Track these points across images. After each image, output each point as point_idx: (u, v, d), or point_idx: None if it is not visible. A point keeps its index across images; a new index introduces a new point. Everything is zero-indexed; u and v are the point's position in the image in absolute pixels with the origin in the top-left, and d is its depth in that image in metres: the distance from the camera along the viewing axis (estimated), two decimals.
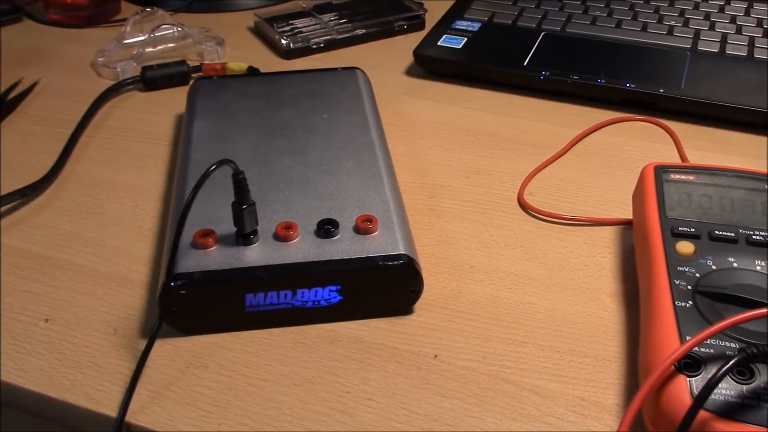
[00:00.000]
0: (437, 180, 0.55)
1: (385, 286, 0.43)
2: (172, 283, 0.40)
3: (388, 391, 0.39)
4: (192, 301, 0.41)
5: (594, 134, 0.60)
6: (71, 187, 0.55)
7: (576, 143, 0.59)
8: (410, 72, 0.70)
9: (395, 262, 0.42)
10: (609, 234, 0.50)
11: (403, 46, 0.73)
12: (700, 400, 0.32)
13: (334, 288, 0.42)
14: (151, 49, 0.72)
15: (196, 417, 0.38)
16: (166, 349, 0.42)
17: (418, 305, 0.44)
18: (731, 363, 0.32)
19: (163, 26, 0.72)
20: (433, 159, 0.58)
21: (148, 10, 0.73)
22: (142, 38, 0.72)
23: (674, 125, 0.61)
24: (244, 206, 0.42)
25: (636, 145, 0.59)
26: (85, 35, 0.78)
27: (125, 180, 0.56)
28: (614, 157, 0.58)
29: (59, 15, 0.80)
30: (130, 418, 0.38)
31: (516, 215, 0.52)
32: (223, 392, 0.39)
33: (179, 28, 0.73)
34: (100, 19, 0.80)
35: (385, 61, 0.72)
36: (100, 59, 0.71)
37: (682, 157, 0.57)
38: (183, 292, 0.41)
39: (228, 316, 0.42)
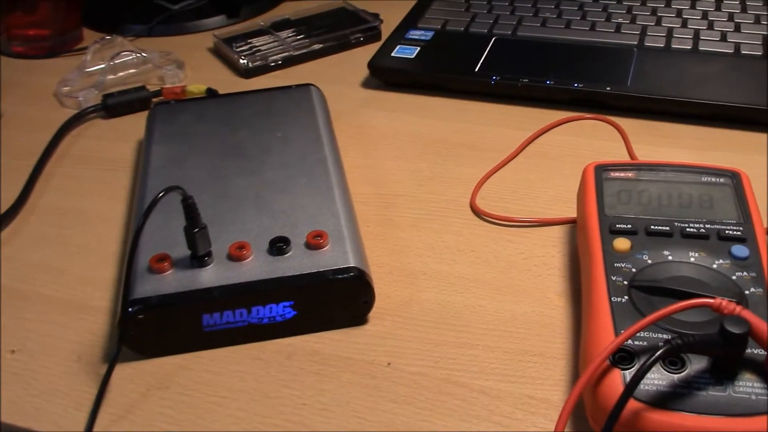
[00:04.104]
0: (392, 190, 0.57)
1: (337, 299, 0.44)
2: (130, 309, 0.42)
3: (342, 400, 0.41)
4: (150, 325, 0.43)
5: (545, 135, 0.62)
6: (36, 218, 0.56)
7: (527, 145, 0.61)
8: (366, 84, 0.71)
9: (345, 275, 0.43)
10: (558, 233, 0.52)
11: (360, 59, 0.75)
12: (629, 390, 0.33)
13: (287, 303, 0.44)
14: (112, 77, 0.73)
15: None
16: (128, 372, 0.43)
17: (372, 315, 0.46)
18: (656, 354, 0.33)
19: (123, 53, 0.74)
20: (389, 169, 0.59)
21: (108, 37, 0.75)
22: (102, 66, 0.73)
23: (623, 122, 0.63)
24: (196, 230, 0.43)
25: (586, 143, 0.61)
26: (48, 65, 0.79)
27: (89, 208, 0.57)
28: (565, 157, 0.59)
29: (23, 47, 0.81)
30: None
31: (468, 220, 0.53)
32: (184, 411, 0.41)
33: (139, 54, 0.74)
34: (63, 48, 0.81)
35: (342, 74, 0.73)
36: (64, 89, 0.72)
37: (630, 154, 0.59)
38: (140, 316, 0.42)
39: (187, 337, 0.44)
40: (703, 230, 0.43)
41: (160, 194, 0.41)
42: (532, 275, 0.48)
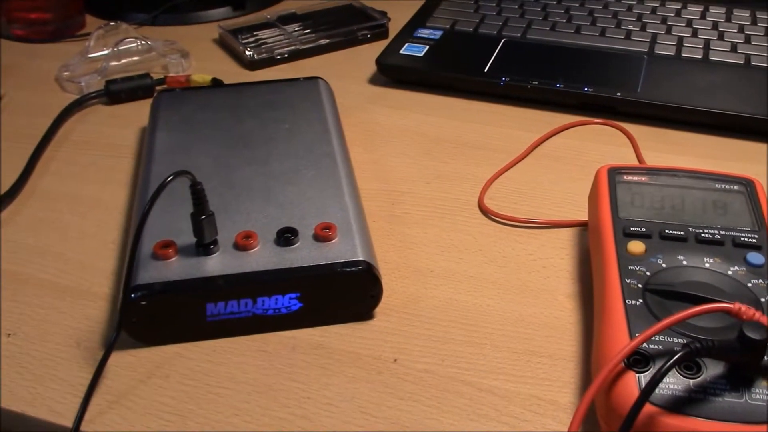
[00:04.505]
0: (399, 187, 0.56)
1: (344, 292, 0.43)
2: (132, 295, 0.41)
3: (347, 395, 0.40)
4: (153, 312, 0.42)
5: (553, 138, 0.61)
6: (34, 202, 0.55)
7: (535, 147, 0.60)
8: (374, 81, 0.71)
9: (354, 269, 0.43)
10: (567, 236, 0.51)
11: (367, 55, 0.74)
12: (646, 393, 0.33)
13: (294, 295, 0.43)
14: (115, 63, 0.72)
15: (158, 426, 0.38)
16: (128, 360, 0.42)
17: (378, 310, 0.45)
18: (675, 358, 0.33)
19: (127, 40, 0.73)
20: (396, 166, 0.58)
21: (112, 24, 0.73)
22: (106, 52, 0.72)
23: (632, 128, 0.62)
24: (203, 216, 0.42)
25: (594, 147, 0.60)
26: (49, 50, 0.78)
27: (89, 194, 0.56)
28: (573, 160, 0.59)
29: (24, 30, 0.80)
30: (90, 428, 0.38)
31: (476, 219, 0.53)
32: (185, 401, 0.40)
33: (143, 42, 0.73)
34: (65, 33, 0.80)
35: (348, 70, 0.72)
36: (65, 74, 0.71)
37: (639, 159, 0.58)
38: (143, 303, 0.41)
39: (189, 326, 0.43)
40: (718, 236, 0.43)
41: (169, 178, 0.40)
42: (540, 276, 0.48)
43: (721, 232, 0.43)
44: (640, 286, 0.40)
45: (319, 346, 0.43)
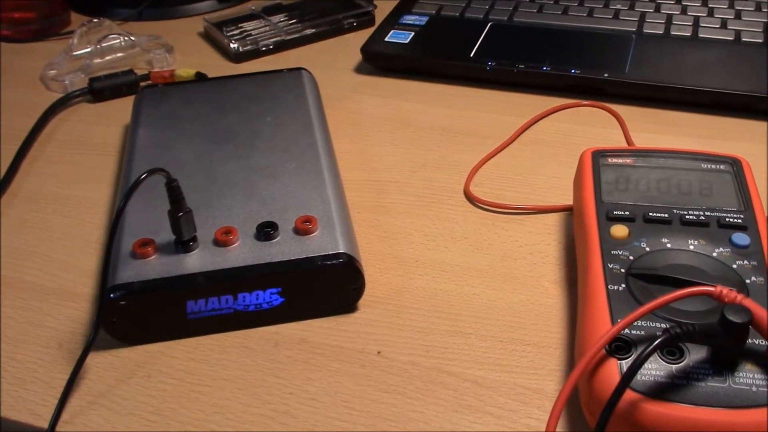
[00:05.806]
0: (384, 176, 0.55)
1: (326, 286, 0.43)
2: (111, 295, 0.41)
3: (331, 390, 0.40)
4: (132, 311, 0.41)
5: (541, 122, 0.61)
6: (19, 203, 0.55)
7: (522, 132, 0.60)
8: (359, 69, 0.70)
9: (335, 261, 0.42)
10: (554, 221, 0.50)
11: (353, 44, 0.73)
12: (626, 380, 0.32)
13: (275, 290, 0.42)
14: (98, 60, 0.71)
15: (139, 426, 0.38)
16: (109, 359, 0.42)
17: (362, 302, 0.44)
18: (655, 343, 0.32)
19: (111, 36, 0.72)
20: (381, 155, 0.58)
21: (95, 20, 0.73)
22: (89, 49, 0.72)
23: (620, 109, 0.61)
24: (180, 214, 0.42)
25: (582, 130, 0.59)
26: (34, 49, 0.77)
27: (73, 193, 0.56)
28: (561, 144, 0.58)
29: (9, 30, 0.80)
30: (69, 429, 0.38)
31: (462, 207, 0.52)
32: (167, 400, 0.39)
33: (127, 38, 0.73)
34: (50, 31, 0.80)
35: (334, 59, 0.72)
36: (50, 72, 0.70)
37: (628, 141, 0.58)
38: (122, 302, 0.41)
39: (170, 324, 0.42)
40: (703, 218, 0.42)
41: (143, 176, 0.39)
42: (527, 263, 0.47)
43: (706, 213, 0.42)
44: (622, 270, 0.39)
45: (302, 341, 0.42)
